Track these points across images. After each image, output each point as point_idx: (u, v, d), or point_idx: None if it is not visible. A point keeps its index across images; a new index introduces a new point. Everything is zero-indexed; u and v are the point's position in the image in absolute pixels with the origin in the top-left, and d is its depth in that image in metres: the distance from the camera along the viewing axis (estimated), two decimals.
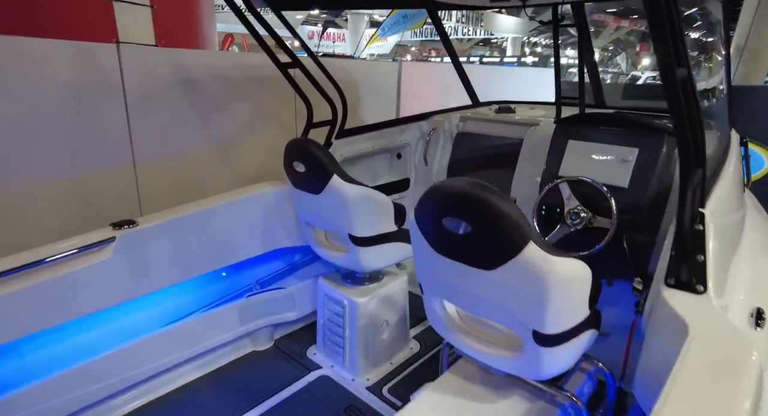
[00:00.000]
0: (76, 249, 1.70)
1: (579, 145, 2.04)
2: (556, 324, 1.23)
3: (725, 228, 1.55)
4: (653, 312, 1.31)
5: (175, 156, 2.42)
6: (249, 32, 1.90)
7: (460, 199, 1.19)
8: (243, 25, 1.88)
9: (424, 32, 20.96)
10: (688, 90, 1.10)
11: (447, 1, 2.43)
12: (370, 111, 3.33)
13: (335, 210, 1.98)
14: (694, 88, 1.18)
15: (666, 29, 0.95)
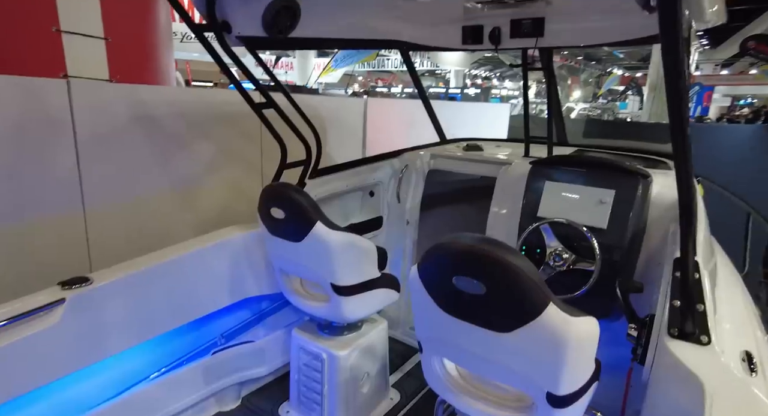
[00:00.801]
0: (17, 315, 1.46)
1: (556, 186, 2.07)
2: (571, 385, 1.19)
3: (712, 270, 1.60)
4: (657, 364, 1.30)
5: (131, 199, 2.20)
6: (224, 73, 1.79)
7: (473, 257, 1.13)
8: (218, 66, 1.77)
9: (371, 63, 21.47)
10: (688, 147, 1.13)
11: (419, 42, 2.46)
12: (337, 148, 3.26)
13: (317, 258, 1.86)
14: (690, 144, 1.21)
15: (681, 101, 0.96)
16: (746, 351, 1.34)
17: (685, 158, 1.09)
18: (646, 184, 1.92)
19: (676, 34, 0.85)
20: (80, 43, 2.26)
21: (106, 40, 2.34)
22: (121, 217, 2.19)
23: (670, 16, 0.83)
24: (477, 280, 1.12)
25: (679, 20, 0.85)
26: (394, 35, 2.32)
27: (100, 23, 2.30)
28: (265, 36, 1.81)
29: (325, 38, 2.10)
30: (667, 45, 0.86)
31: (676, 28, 0.85)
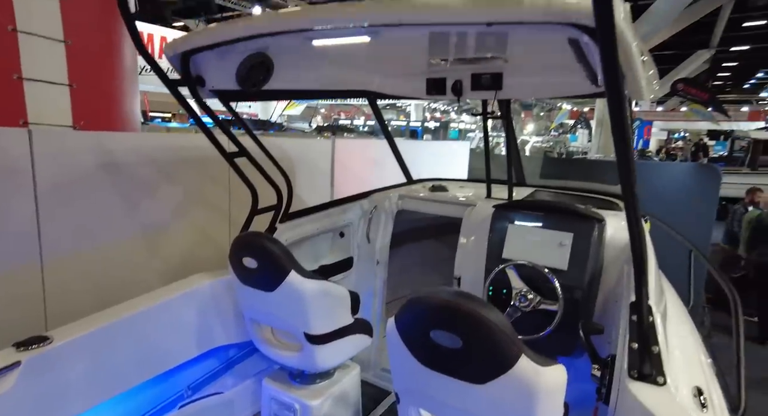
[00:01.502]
0: None
1: (519, 229, 2.18)
2: None
3: (663, 310, 1.72)
4: (620, 404, 1.36)
5: (93, 248, 2.12)
6: (195, 123, 1.80)
7: (450, 312, 1.17)
8: (188, 114, 1.78)
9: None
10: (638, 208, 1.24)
11: (386, 92, 2.57)
12: (306, 189, 3.28)
13: (290, 307, 1.85)
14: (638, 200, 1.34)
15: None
16: (697, 387, 1.43)
17: (636, 217, 1.20)
18: (600, 227, 2.06)
19: (620, 103, 0.96)
20: (43, 89, 2.20)
21: (71, 86, 2.30)
22: (81, 267, 2.09)
23: (615, 93, 0.94)
24: (454, 334, 1.17)
25: (622, 94, 0.96)
26: (363, 86, 2.41)
27: (65, 70, 2.26)
28: (239, 89, 1.84)
29: (297, 90, 2.16)
30: (612, 108, 0.97)
31: (621, 99, 0.96)
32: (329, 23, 1.33)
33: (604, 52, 0.86)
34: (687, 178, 4.66)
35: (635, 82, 1.00)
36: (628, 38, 0.95)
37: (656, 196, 4.73)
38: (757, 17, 16.60)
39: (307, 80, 2.11)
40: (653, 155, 15.74)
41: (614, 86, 0.92)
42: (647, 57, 1.33)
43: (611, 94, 0.94)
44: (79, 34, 2.22)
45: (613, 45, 0.84)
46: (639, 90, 1.02)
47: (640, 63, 1.00)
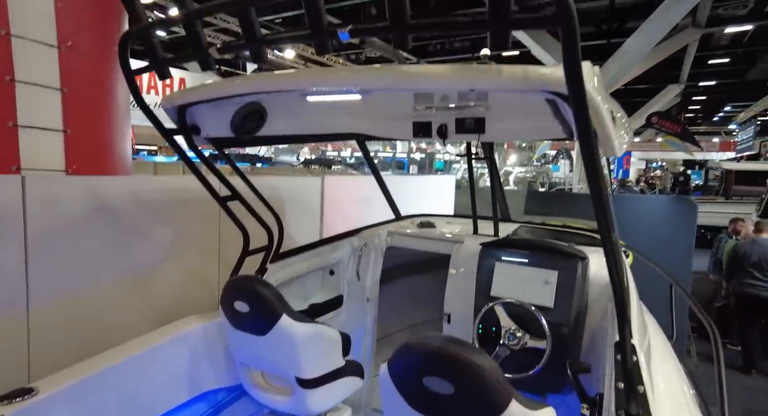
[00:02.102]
0: None
1: (505, 268, 2.23)
2: None
3: (647, 346, 1.77)
4: None
5: (82, 294, 2.10)
6: (189, 169, 1.84)
7: (441, 359, 1.20)
8: (182, 159, 1.82)
9: None
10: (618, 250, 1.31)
11: (374, 134, 2.66)
12: (296, 227, 3.31)
13: (281, 352, 1.85)
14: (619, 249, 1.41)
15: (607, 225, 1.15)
16: None
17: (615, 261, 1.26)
18: (584, 264, 2.13)
19: (594, 159, 1.04)
20: (37, 135, 2.24)
21: (65, 132, 2.34)
22: (69, 313, 2.07)
23: (588, 150, 1.02)
24: (446, 381, 1.19)
25: (595, 151, 1.04)
26: (352, 129, 2.50)
27: (60, 116, 2.31)
28: (233, 136, 1.91)
29: (289, 135, 2.23)
30: (587, 163, 1.05)
31: (594, 156, 1.04)
32: (322, 86, 1.41)
33: (576, 115, 0.94)
34: (665, 210, 4.83)
35: (607, 140, 1.09)
36: (598, 102, 1.04)
37: (637, 228, 4.86)
38: (721, 55, 17.57)
39: (298, 126, 2.18)
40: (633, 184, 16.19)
41: (587, 144, 1.00)
42: (621, 115, 1.43)
43: (584, 151, 1.02)
44: (75, 82, 2.28)
45: (585, 109, 0.93)
46: (611, 148, 1.11)
47: (611, 124, 1.09)
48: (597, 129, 1.06)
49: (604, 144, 1.09)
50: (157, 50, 1.41)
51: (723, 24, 13.94)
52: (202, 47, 1.31)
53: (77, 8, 2.26)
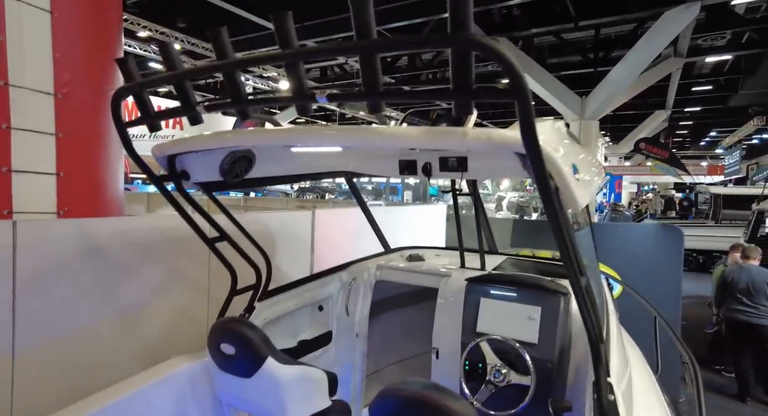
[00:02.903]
0: None
1: (490, 304, 2.27)
2: None
3: (628, 384, 1.79)
4: None
5: (69, 336, 2.10)
6: (176, 211, 1.89)
7: (417, 404, 1.23)
8: (168, 202, 1.87)
9: None
10: (590, 291, 1.36)
11: (363, 172, 2.74)
12: (287, 261, 3.34)
13: (267, 394, 1.86)
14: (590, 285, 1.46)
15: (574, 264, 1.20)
16: None
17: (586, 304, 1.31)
18: (566, 300, 2.17)
19: (555, 212, 1.10)
20: (30, 179, 2.29)
21: (58, 175, 2.39)
22: (56, 356, 2.07)
23: (549, 203, 1.08)
24: None
25: (555, 205, 1.10)
26: (340, 168, 2.57)
27: (54, 160, 2.37)
28: (222, 180, 1.97)
29: (278, 176, 2.29)
30: (549, 215, 1.11)
31: (555, 209, 1.10)
32: (306, 143, 1.49)
33: (535, 174, 1.01)
34: (652, 238, 4.90)
35: (568, 195, 1.15)
36: (557, 161, 1.11)
37: (625, 256, 4.92)
38: (703, 83, 18.11)
39: (287, 168, 2.25)
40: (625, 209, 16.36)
41: (548, 199, 1.06)
42: (588, 163, 1.51)
43: (546, 206, 1.09)
44: (70, 127, 2.35)
45: (543, 170, 1.00)
46: (573, 202, 1.16)
47: (572, 180, 1.15)
48: (558, 184, 1.13)
49: (565, 197, 1.16)
50: (149, 106, 1.49)
51: (703, 54, 14.46)
52: (191, 104, 1.38)
53: (75, 58, 2.36)
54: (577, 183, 1.19)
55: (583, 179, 1.31)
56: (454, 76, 1.00)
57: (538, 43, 15.44)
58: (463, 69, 0.98)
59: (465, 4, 0.91)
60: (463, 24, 0.91)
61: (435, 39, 0.96)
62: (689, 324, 7.30)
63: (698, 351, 6.33)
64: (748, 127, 19.28)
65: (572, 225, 1.26)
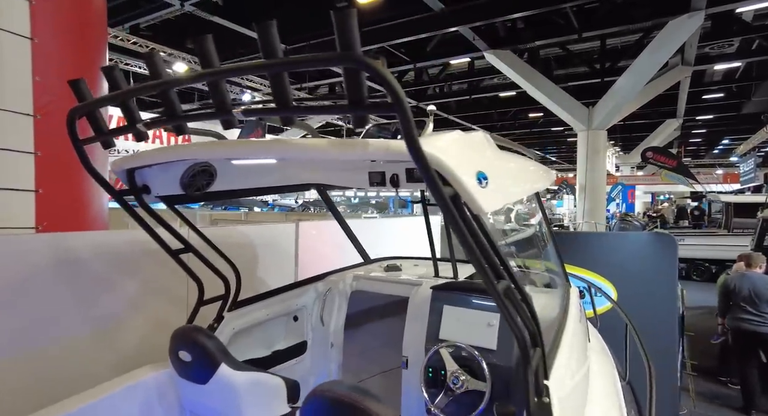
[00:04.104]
0: None
1: (453, 311, 2.29)
2: None
3: (573, 390, 1.79)
4: None
5: (43, 347, 2.19)
6: (138, 224, 1.98)
7: (337, 404, 1.27)
8: (130, 215, 1.96)
9: None
10: (512, 295, 1.39)
11: (333, 184, 2.80)
12: (270, 273, 3.40)
13: (222, 400, 1.90)
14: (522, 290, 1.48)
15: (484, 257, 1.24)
16: None
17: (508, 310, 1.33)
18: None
19: (453, 217, 1.14)
20: (9, 196, 2.42)
21: (37, 192, 2.52)
22: (29, 365, 2.15)
23: (445, 209, 1.12)
24: None
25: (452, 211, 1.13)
26: (310, 180, 2.64)
27: (33, 178, 2.50)
28: (183, 193, 2.05)
29: (245, 189, 2.37)
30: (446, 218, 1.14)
31: (452, 214, 1.13)
32: (232, 155, 1.58)
33: (425, 179, 1.05)
34: (645, 247, 4.84)
35: (469, 200, 1.19)
36: (451, 169, 1.15)
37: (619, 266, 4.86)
38: (715, 91, 17.88)
39: (252, 180, 2.32)
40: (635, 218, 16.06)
41: (442, 203, 1.11)
42: (506, 175, 1.54)
43: (442, 210, 1.13)
44: (49, 146, 2.48)
45: (430, 177, 1.04)
46: (476, 206, 1.20)
47: (473, 187, 1.19)
48: (457, 191, 1.17)
49: (468, 202, 1.19)
50: (101, 123, 1.58)
51: (712, 62, 14.32)
52: (135, 121, 1.47)
53: (54, 81, 2.50)
54: (481, 189, 1.22)
55: (498, 185, 1.35)
56: (348, 93, 1.06)
57: (544, 55, 15.51)
58: (356, 86, 1.05)
59: (351, 26, 0.97)
60: (349, 44, 0.97)
61: (324, 57, 1.02)
62: (697, 334, 7.12)
63: (705, 363, 6.18)
64: (762, 135, 18.89)
65: (485, 229, 1.29)
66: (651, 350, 4.49)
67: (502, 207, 1.36)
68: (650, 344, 4.51)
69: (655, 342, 4.47)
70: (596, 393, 2.00)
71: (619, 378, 2.40)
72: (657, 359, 4.47)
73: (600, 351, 2.58)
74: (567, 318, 2.13)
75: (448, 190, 1.16)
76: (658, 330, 4.45)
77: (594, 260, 4.97)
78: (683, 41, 11.46)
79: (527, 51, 14.46)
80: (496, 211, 1.59)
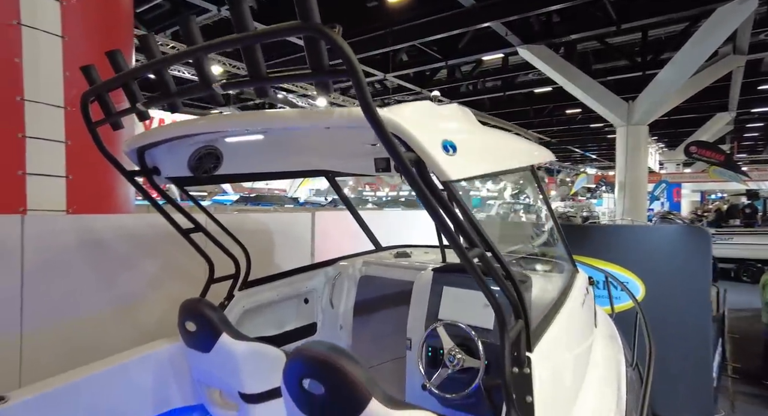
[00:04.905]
0: None
1: (452, 291, 2.31)
2: None
3: (562, 366, 1.78)
4: None
5: (71, 318, 2.39)
6: (151, 204, 2.12)
7: (312, 361, 1.34)
8: (142, 195, 2.11)
9: None
10: (487, 262, 1.40)
11: (340, 170, 2.88)
12: (284, 259, 3.52)
13: (224, 368, 2.01)
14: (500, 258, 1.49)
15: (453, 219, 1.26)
16: None
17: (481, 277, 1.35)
18: (524, 287, 2.16)
19: (417, 184, 1.16)
20: (42, 181, 2.65)
21: (67, 178, 2.75)
22: (59, 334, 2.35)
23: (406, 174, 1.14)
24: (317, 381, 1.32)
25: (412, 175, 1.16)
26: (317, 166, 2.73)
27: (64, 164, 2.73)
28: (192, 175, 2.18)
29: (251, 173, 2.48)
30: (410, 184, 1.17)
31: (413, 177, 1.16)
32: (219, 128, 1.67)
33: (383, 144, 1.09)
34: (677, 241, 4.62)
35: (433, 164, 1.21)
36: (411, 133, 1.18)
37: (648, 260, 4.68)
38: None
39: (259, 165, 2.43)
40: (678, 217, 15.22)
41: (404, 168, 1.14)
42: (478, 148, 1.55)
43: (404, 175, 1.16)
44: (78, 136, 2.69)
45: (389, 142, 1.08)
46: (440, 172, 1.22)
47: (437, 153, 1.21)
48: (420, 157, 1.20)
49: (432, 168, 1.22)
50: (110, 105, 1.72)
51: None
52: (136, 100, 1.59)
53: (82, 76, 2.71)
54: (448, 157, 1.25)
55: (469, 155, 1.37)
56: (309, 60, 1.12)
57: (581, 49, 15.03)
58: (315, 54, 1.11)
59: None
60: (307, 13, 1.03)
61: (286, 26, 1.08)
62: (743, 337, 6.73)
63: (748, 365, 5.83)
64: None
65: (456, 197, 1.31)
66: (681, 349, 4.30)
67: (471, 177, 1.38)
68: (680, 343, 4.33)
69: (685, 340, 4.27)
70: (595, 375, 1.97)
71: (626, 364, 2.34)
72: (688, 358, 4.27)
73: (608, 337, 2.52)
74: (566, 299, 2.10)
75: (410, 155, 1.20)
76: (689, 329, 4.25)
77: (622, 254, 4.80)
78: (734, 29, 10.81)
79: (563, 45, 14.08)
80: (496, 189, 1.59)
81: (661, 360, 4.24)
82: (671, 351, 4.28)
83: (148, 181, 2.10)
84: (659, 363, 4.24)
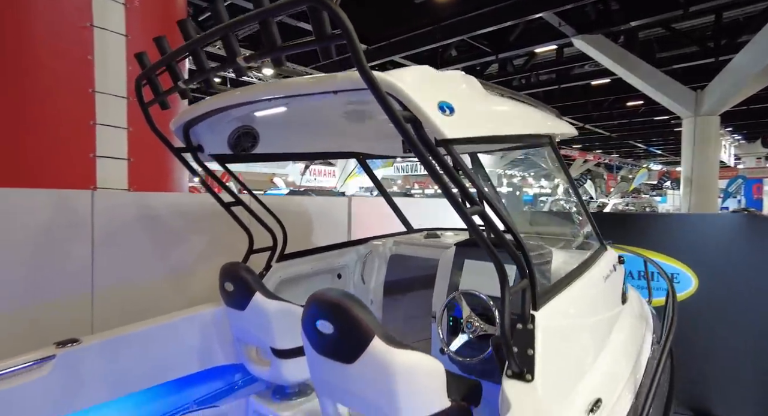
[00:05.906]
0: (13, 367, 1.86)
1: (473, 264, 2.38)
2: (414, 412, 1.41)
3: (573, 329, 1.80)
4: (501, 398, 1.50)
5: (132, 284, 2.72)
6: (192, 175, 2.37)
7: (323, 304, 1.49)
8: (188, 170, 2.36)
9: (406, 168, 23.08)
10: (488, 220, 1.48)
11: (370, 152, 3.03)
12: (321, 239, 3.73)
13: (257, 324, 2.22)
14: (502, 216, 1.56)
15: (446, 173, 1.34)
16: (598, 398, 1.52)
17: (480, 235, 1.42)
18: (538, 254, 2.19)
19: (416, 146, 1.26)
20: (109, 163, 3.04)
21: (129, 160, 3.12)
22: (122, 295, 2.68)
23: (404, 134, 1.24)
24: (328, 322, 1.47)
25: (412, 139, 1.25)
26: (348, 148, 2.89)
27: (126, 148, 3.11)
28: (232, 153, 2.41)
29: (286, 153, 2.69)
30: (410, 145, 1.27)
31: (414, 143, 1.25)
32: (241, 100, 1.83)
33: (379, 102, 1.21)
34: (734, 231, 4.33)
35: (428, 122, 1.30)
36: (407, 93, 1.27)
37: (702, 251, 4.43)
38: None
39: (293, 145, 2.63)
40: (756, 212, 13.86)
41: (400, 128, 1.24)
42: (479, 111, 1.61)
43: (401, 133, 1.26)
44: (138, 123, 3.03)
45: (383, 100, 1.19)
46: (436, 130, 1.30)
47: (433, 113, 1.30)
48: (417, 117, 1.30)
49: (428, 126, 1.31)
50: (159, 86, 1.96)
51: None
52: (178, 79, 1.82)
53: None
54: (444, 117, 1.34)
55: (468, 117, 1.44)
56: (313, 28, 1.26)
57: (644, 37, 14.20)
58: (318, 22, 1.24)
59: None
60: None
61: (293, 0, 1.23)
62: None
63: None
64: None
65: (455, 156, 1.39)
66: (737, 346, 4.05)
67: (470, 138, 1.44)
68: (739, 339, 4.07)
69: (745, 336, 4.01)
70: (613, 346, 1.97)
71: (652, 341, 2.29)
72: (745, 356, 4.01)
73: (638, 317, 2.47)
74: (587, 270, 2.11)
75: (405, 114, 1.30)
76: (749, 325, 3.99)
77: (674, 245, 4.57)
78: None
79: (622, 33, 13.37)
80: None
81: (717, 356, 4.01)
82: (728, 347, 4.04)
83: (194, 158, 2.35)
84: (714, 359, 4.02)
